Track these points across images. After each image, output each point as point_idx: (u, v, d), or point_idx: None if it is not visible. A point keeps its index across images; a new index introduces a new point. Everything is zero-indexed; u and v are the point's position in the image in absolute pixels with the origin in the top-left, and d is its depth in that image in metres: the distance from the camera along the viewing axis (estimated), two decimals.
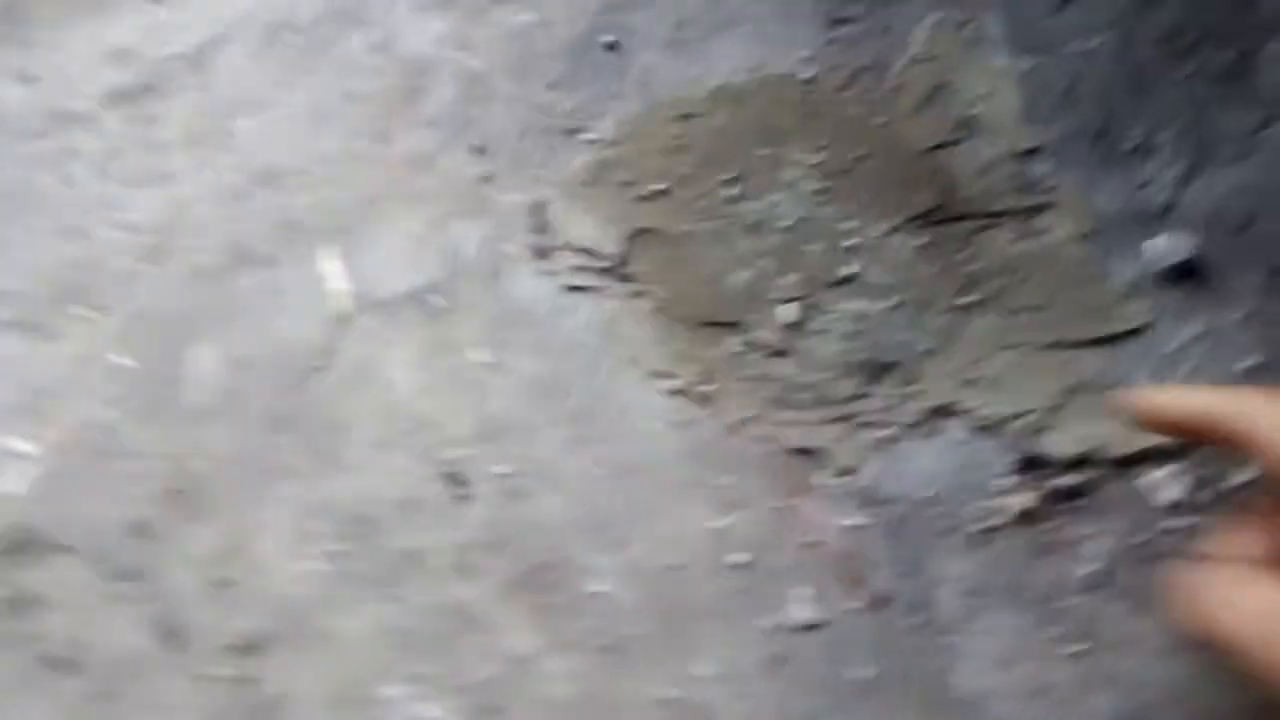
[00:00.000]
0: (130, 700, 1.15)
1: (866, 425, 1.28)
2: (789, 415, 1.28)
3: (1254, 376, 1.25)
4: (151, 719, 1.14)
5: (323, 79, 1.46)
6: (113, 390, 1.29)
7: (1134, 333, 1.30)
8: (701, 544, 1.23)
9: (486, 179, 1.39)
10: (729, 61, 1.45)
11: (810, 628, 1.20)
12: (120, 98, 1.46)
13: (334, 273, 1.35)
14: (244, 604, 1.27)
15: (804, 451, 1.27)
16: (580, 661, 1.26)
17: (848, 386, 1.30)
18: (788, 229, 1.36)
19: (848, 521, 1.24)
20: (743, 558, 1.22)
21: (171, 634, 1.21)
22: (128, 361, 1.33)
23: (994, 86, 1.43)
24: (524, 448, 1.27)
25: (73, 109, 1.42)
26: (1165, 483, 1.22)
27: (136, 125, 1.45)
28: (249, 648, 1.23)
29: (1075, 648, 1.18)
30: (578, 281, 1.33)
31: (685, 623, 1.20)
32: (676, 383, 1.29)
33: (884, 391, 1.30)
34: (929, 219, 1.36)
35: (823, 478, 1.26)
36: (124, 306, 1.40)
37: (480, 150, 1.40)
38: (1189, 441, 1.14)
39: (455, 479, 1.26)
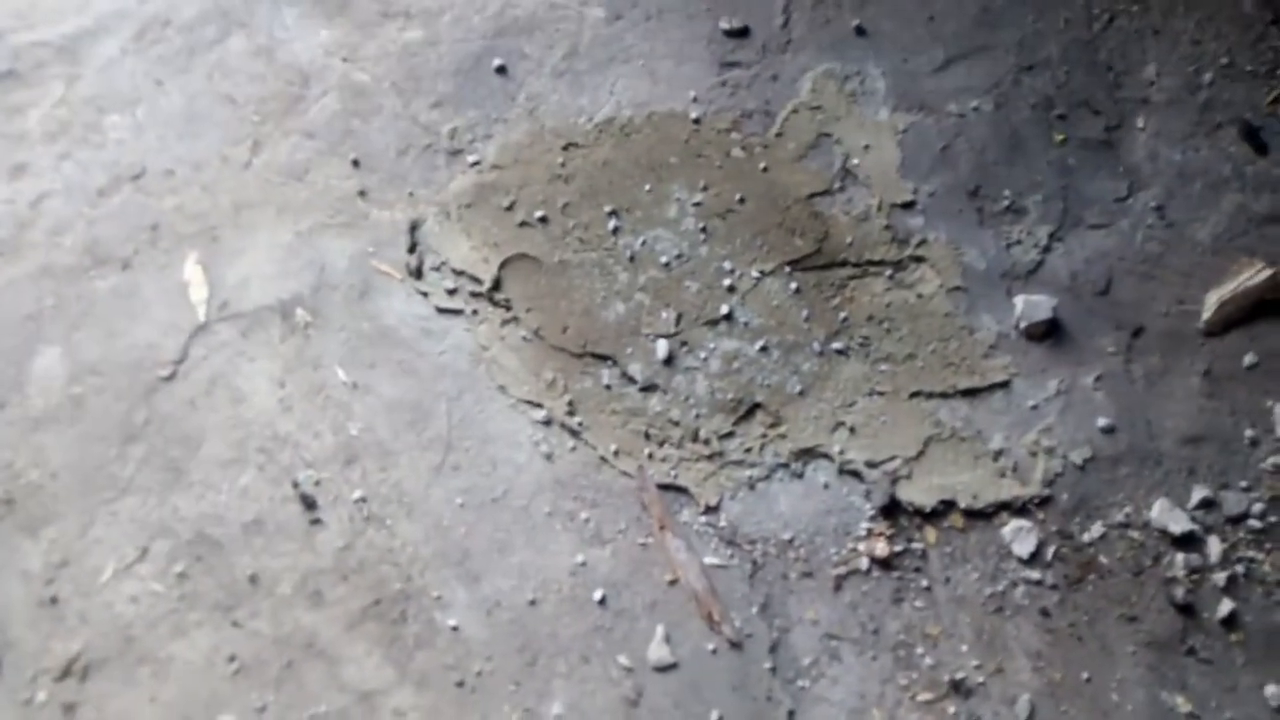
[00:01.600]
0: None
1: (733, 464, 1.24)
2: (657, 451, 1.23)
3: (1106, 435, 1.25)
4: None
5: (199, 80, 1.37)
6: None
7: (995, 387, 1.29)
8: (562, 579, 1.17)
9: (362, 194, 1.32)
10: (618, 95, 1.41)
11: (666, 668, 1.14)
12: None
13: (194, 279, 1.26)
14: (72, 624, 1.15)
15: (670, 488, 1.23)
16: (430, 697, 1.18)
17: (716, 425, 1.26)
18: (666, 265, 1.32)
19: (710, 560, 1.19)
20: (603, 594, 1.17)
21: None
22: None
23: (874, 140, 1.42)
24: (383, 473, 1.20)
25: None
26: (1021, 535, 1.21)
27: None
28: (74, 672, 1.12)
29: (927, 695, 1.15)
30: (450, 304, 1.27)
31: (540, 660, 1.14)
32: (545, 413, 1.24)
33: (751, 431, 1.26)
34: (804, 264, 1.34)
35: (687, 515, 1.22)
36: None
37: (358, 164, 1.33)
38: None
39: (308, 502, 1.18)
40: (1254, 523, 1.23)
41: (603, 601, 1.16)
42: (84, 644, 1.11)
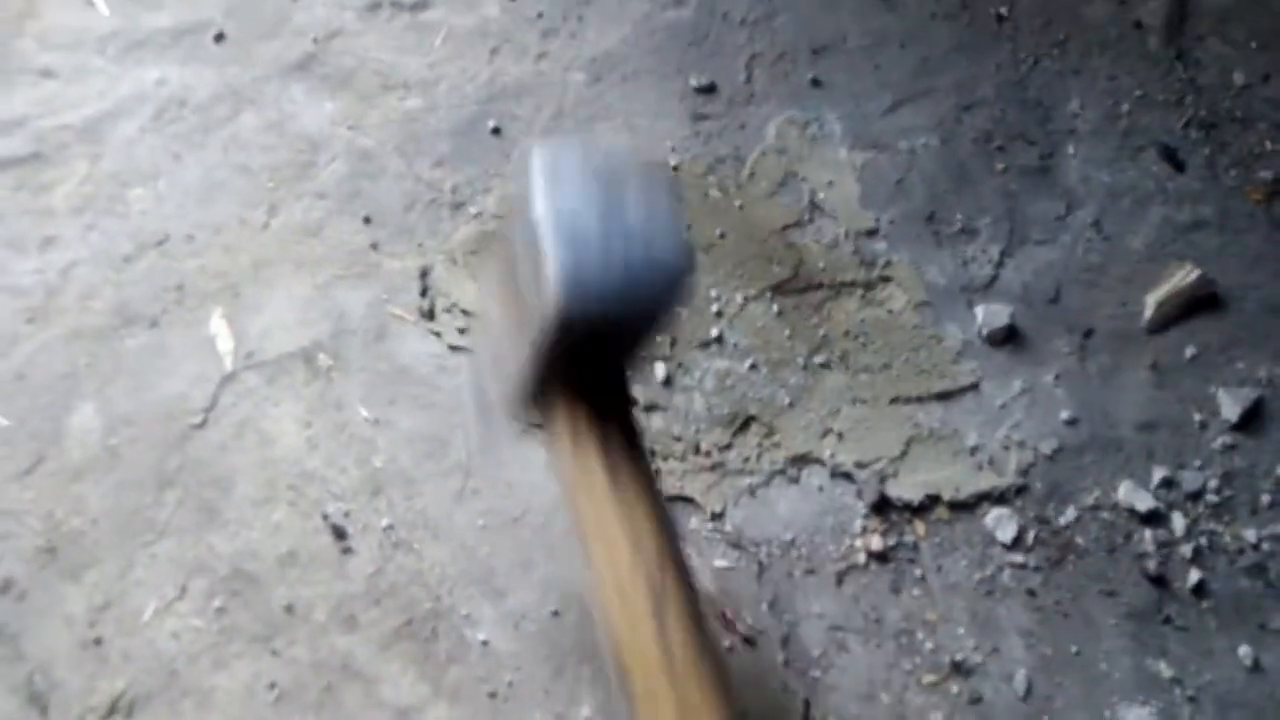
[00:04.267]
0: None
1: (733, 473, 1.25)
2: (663, 465, 1.24)
3: (1070, 426, 1.28)
4: None
5: (215, 153, 1.38)
6: None
7: (965, 389, 1.32)
8: (581, 591, 1.17)
9: (374, 246, 1.33)
10: None
11: None
12: (8, 165, 1.35)
13: (220, 332, 1.26)
14: (115, 663, 1.12)
15: (677, 498, 1.23)
16: (464, 710, 1.16)
17: (715, 438, 1.27)
18: None
19: (719, 563, 1.20)
20: None
21: (38, 698, 1.06)
22: (3, 421, 1.20)
23: (836, 176, 1.46)
24: (407, 501, 1.19)
25: None
26: (1003, 522, 1.23)
27: (23, 192, 1.34)
28: (120, 708, 1.09)
29: (931, 677, 1.16)
30: (462, 342, 1.28)
31: (567, 668, 1.13)
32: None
33: (748, 442, 1.27)
34: (784, 289, 1.37)
35: (695, 522, 1.22)
36: (2, 366, 1.26)
37: (368, 220, 1.34)
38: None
39: (338, 532, 1.17)
40: (1211, 497, 1.26)
41: None
42: (128, 681, 1.08)
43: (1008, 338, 1.34)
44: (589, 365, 0.74)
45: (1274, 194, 1.49)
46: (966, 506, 1.23)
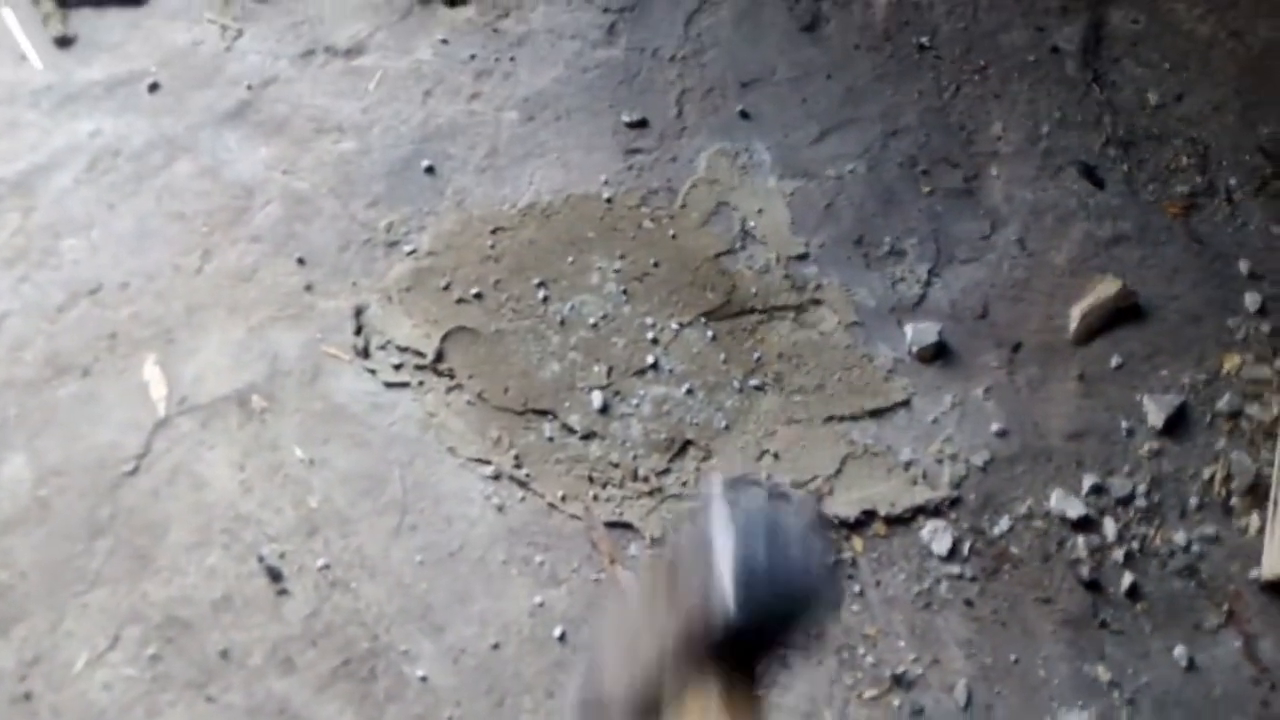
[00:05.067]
0: None
1: (672, 497, 1.24)
2: (601, 492, 1.23)
3: (1001, 438, 1.28)
4: None
5: (149, 201, 1.37)
6: None
7: (898, 406, 1.32)
8: (521, 621, 1.14)
9: (308, 287, 1.32)
10: (537, 184, 1.45)
11: None
12: None
13: (153, 379, 1.24)
14: (45, 718, 1.08)
15: (617, 525, 1.22)
16: None
17: (653, 463, 1.26)
18: (593, 326, 1.34)
19: None
20: (562, 630, 1.14)
21: None
22: None
23: (766, 204, 1.47)
24: (344, 540, 1.17)
25: None
26: (938, 534, 1.23)
27: None
28: None
29: (872, 692, 1.14)
30: (397, 378, 1.26)
31: (508, 699, 1.10)
32: (493, 468, 1.23)
33: (686, 466, 1.26)
34: (717, 315, 1.37)
35: (635, 548, 1.21)
36: None
37: (303, 261, 1.33)
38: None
39: (273, 574, 1.14)
40: (1140, 502, 1.26)
41: (562, 638, 1.14)
42: None
43: (937, 354, 1.35)
44: (735, 660, 0.81)
45: (1190, 207, 1.52)
46: (902, 521, 1.23)
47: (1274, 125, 1.61)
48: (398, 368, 1.27)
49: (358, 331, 1.29)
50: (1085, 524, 1.24)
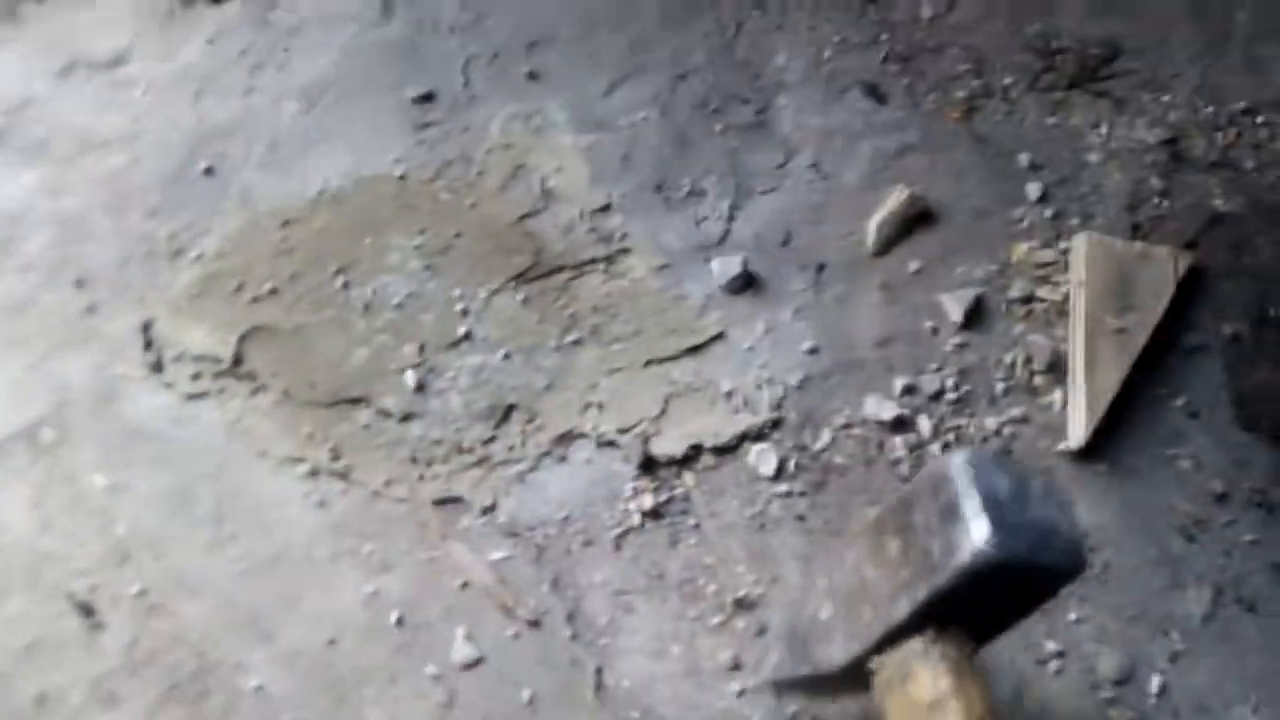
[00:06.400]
0: None
1: (500, 464, 1.21)
2: (426, 471, 1.19)
3: (813, 356, 1.29)
4: None
5: None
6: None
7: (713, 340, 1.31)
8: (356, 613, 1.10)
9: (90, 310, 1.23)
10: (324, 172, 1.38)
11: (473, 664, 1.08)
12: None
13: None
14: None
15: (446, 501, 1.18)
16: None
17: (478, 433, 1.22)
18: (399, 306, 1.29)
19: (495, 555, 1.15)
20: (399, 615, 1.10)
21: None
22: None
23: (564, 161, 1.44)
24: (157, 562, 1.10)
25: None
26: (764, 457, 1.22)
27: None
28: None
29: (717, 619, 1.13)
30: (195, 389, 1.19)
31: (349, 694, 1.05)
32: (309, 465, 1.17)
33: (511, 431, 1.23)
34: (526, 277, 1.34)
35: (467, 520, 1.17)
36: None
37: (80, 284, 1.24)
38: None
39: (85, 610, 1.07)
40: (950, 395, 1.28)
41: (400, 622, 1.10)
42: None
43: (746, 285, 1.35)
44: (978, 614, 0.80)
45: (970, 111, 1.55)
46: (729, 449, 1.22)
47: (1039, 24, 1.65)
48: (195, 378, 1.20)
49: (147, 347, 1.21)
50: (901, 424, 1.25)
